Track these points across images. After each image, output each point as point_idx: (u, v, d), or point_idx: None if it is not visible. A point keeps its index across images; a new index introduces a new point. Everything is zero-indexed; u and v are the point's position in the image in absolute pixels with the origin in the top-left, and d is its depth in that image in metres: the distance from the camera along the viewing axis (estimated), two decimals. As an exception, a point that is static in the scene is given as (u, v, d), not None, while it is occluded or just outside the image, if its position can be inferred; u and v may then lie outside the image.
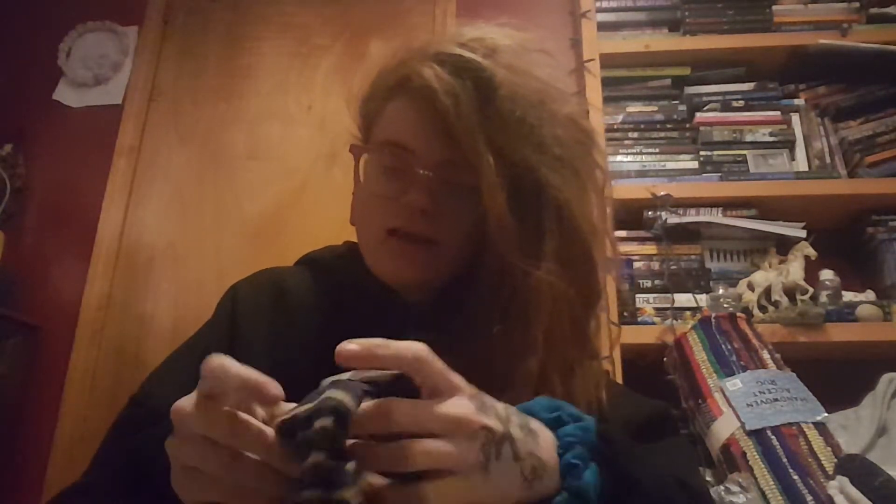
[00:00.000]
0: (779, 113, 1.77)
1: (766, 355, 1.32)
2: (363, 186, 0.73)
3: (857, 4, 1.83)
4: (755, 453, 1.17)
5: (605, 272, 0.69)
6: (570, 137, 0.68)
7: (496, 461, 0.44)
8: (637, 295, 1.61)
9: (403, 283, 0.70)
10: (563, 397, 0.56)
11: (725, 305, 1.49)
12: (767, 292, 1.54)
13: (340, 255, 0.80)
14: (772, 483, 1.13)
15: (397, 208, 0.67)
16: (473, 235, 0.67)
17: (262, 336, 0.71)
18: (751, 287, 1.55)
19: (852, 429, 1.27)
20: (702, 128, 1.76)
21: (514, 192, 0.63)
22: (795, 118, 1.76)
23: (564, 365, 0.62)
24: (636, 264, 1.65)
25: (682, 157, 1.75)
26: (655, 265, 1.64)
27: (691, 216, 1.64)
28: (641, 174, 1.72)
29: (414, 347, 0.44)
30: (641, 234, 1.68)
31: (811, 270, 1.56)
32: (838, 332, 1.46)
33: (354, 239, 0.77)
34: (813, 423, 1.20)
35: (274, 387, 0.41)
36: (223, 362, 0.41)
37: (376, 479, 0.42)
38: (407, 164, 0.68)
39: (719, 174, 1.70)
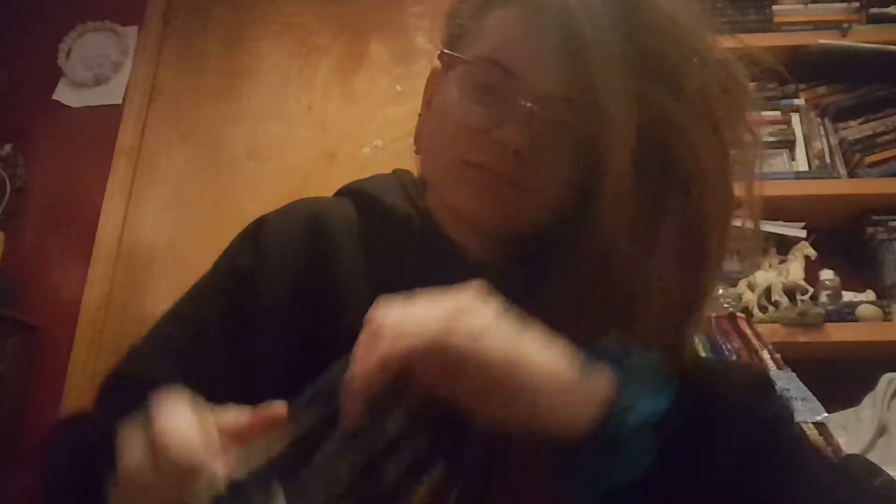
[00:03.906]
0: (779, 113, 1.76)
1: (766, 355, 1.32)
2: (441, 109, 0.59)
3: (857, 4, 1.82)
4: (755, 453, 1.17)
5: (718, 273, 0.53)
6: (720, 91, 0.52)
7: (506, 315, 0.41)
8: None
9: (480, 222, 0.57)
10: None
11: (725, 305, 1.49)
12: (767, 292, 1.54)
13: (390, 190, 0.65)
14: (772, 483, 1.13)
15: (484, 142, 0.54)
16: (565, 198, 0.55)
17: (288, 287, 0.59)
18: (751, 287, 1.55)
19: (852, 429, 1.27)
20: (702, 128, 1.76)
21: (640, 153, 0.49)
22: (795, 118, 1.76)
23: None
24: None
25: (682, 157, 1.75)
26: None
27: (691, 216, 1.64)
28: (641, 174, 1.72)
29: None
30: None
31: (811, 270, 1.56)
32: (838, 332, 1.46)
33: None
34: (813, 423, 1.20)
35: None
36: (175, 442, 0.39)
37: None
38: (507, 90, 0.53)
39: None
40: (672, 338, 0.51)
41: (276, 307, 0.59)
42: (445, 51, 0.60)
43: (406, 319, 0.40)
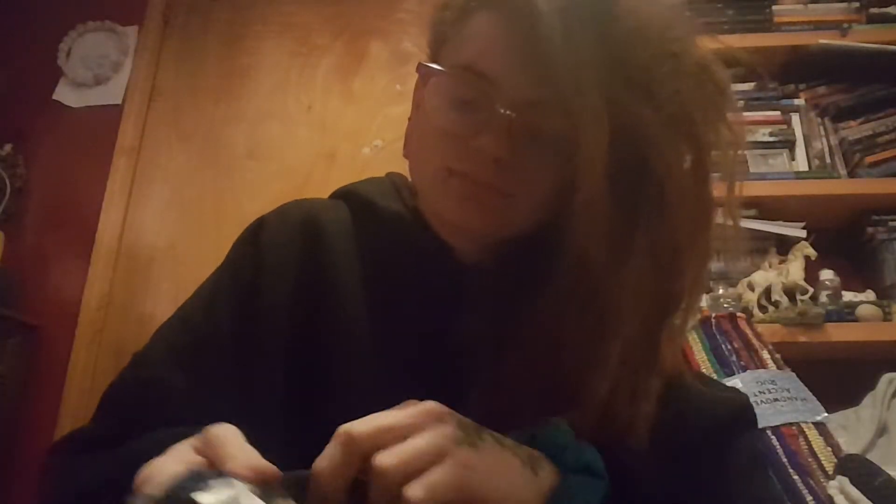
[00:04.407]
0: (779, 113, 1.76)
1: (766, 355, 1.32)
2: (426, 116, 0.59)
3: (857, 4, 1.82)
4: (755, 453, 1.17)
5: (698, 272, 0.54)
6: (695, 94, 0.52)
7: (480, 441, 0.42)
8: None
9: (466, 229, 0.58)
10: (627, 424, 0.50)
11: (725, 305, 1.49)
12: (767, 292, 1.54)
13: (384, 193, 0.66)
14: (772, 483, 1.13)
15: (465, 151, 0.54)
16: (551, 202, 0.56)
17: (286, 287, 0.61)
18: (751, 287, 1.55)
19: (852, 429, 1.27)
20: (702, 128, 1.76)
21: (613, 160, 0.49)
22: (795, 118, 1.76)
23: (631, 386, 0.51)
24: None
25: (682, 157, 1.75)
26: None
27: (691, 216, 1.64)
28: (641, 174, 1.72)
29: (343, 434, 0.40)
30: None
31: (811, 270, 1.55)
32: (838, 332, 1.46)
33: None
34: (813, 423, 1.20)
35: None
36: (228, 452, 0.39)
37: None
38: (485, 97, 0.54)
39: (719, 174, 1.70)
40: (650, 343, 0.52)
41: (277, 309, 0.60)
42: (423, 63, 0.61)
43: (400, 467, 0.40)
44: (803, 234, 1.60)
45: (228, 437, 0.40)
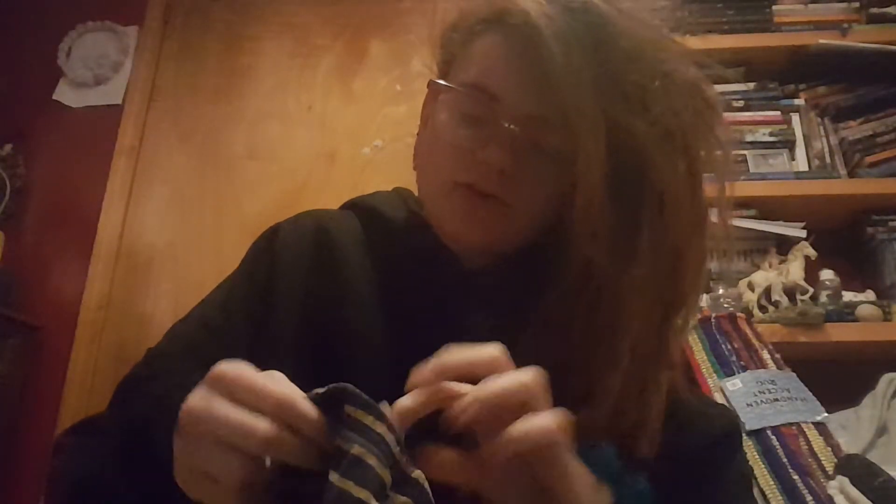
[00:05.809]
0: (779, 113, 1.76)
1: (766, 355, 1.32)
2: (434, 130, 0.63)
3: (857, 4, 1.82)
4: (755, 453, 1.17)
5: (697, 274, 0.56)
6: (688, 109, 0.55)
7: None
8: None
9: (468, 242, 0.61)
10: (637, 419, 0.52)
11: (725, 305, 1.49)
12: (767, 292, 1.54)
13: (392, 203, 0.70)
14: (772, 483, 1.13)
15: (471, 162, 0.58)
16: (550, 212, 0.59)
17: (299, 292, 0.63)
18: (751, 287, 1.55)
19: (852, 429, 1.27)
20: (702, 128, 1.75)
21: (612, 172, 0.52)
22: (795, 118, 1.76)
23: (640, 381, 0.53)
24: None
25: (682, 157, 1.74)
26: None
27: (691, 216, 1.64)
28: (641, 174, 1.72)
29: (489, 350, 0.43)
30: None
31: (811, 270, 1.55)
32: (838, 332, 1.46)
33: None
34: (813, 423, 1.20)
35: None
36: (254, 382, 0.40)
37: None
38: (490, 113, 0.58)
39: (712, 175, 1.69)
40: (657, 340, 0.54)
41: (290, 314, 0.62)
42: (434, 80, 0.64)
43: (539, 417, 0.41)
44: (803, 234, 1.60)
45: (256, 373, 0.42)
